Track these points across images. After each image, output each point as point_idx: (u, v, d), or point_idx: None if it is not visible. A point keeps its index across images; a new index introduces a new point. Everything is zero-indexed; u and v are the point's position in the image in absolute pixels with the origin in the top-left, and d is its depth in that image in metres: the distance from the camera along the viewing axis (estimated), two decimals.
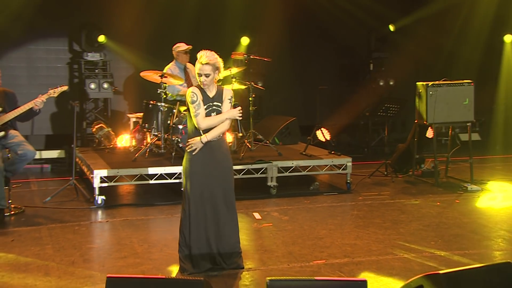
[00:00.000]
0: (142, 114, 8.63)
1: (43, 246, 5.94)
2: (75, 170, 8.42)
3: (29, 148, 7.03)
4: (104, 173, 7.40)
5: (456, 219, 6.96)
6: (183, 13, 10.44)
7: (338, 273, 5.16)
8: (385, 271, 5.22)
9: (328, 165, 8.45)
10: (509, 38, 12.35)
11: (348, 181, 8.44)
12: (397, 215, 7.14)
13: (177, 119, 8.19)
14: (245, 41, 11.08)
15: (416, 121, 9.00)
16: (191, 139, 5.14)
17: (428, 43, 11.85)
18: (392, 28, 11.76)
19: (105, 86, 10.13)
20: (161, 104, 8.15)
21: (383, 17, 11.68)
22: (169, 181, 7.69)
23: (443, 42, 11.98)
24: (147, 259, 5.55)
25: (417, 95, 8.87)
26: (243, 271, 5.21)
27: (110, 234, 6.57)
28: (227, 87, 8.44)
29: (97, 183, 7.38)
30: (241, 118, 5.51)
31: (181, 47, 8.80)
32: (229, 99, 5.24)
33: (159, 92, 8.15)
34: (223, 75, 8.39)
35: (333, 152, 8.81)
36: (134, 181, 7.64)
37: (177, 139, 8.01)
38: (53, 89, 7.19)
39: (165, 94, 8.30)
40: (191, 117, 5.14)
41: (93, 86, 10.10)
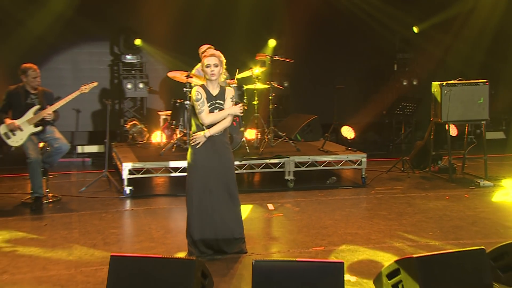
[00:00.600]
0: (170, 112, 9.01)
1: (71, 230, 6.36)
2: (112, 163, 8.91)
3: (64, 142, 7.50)
4: (132, 165, 7.80)
5: (460, 212, 7.04)
6: (213, 17, 10.82)
7: (332, 259, 5.37)
8: (378, 258, 5.39)
9: (343, 160, 8.62)
10: None
11: (363, 176, 8.59)
12: (404, 207, 7.27)
13: None
14: (272, 43, 11.32)
15: (432, 119, 9.09)
16: (195, 133, 5.43)
17: (450, 44, 11.82)
18: (416, 30, 11.80)
19: (141, 86, 10.59)
20: (187, 102, 8.48)
21: (408, 19, 11.74)
22: None
23: (465, 42, 11.93)
24: (161, 244, 5.89)
25: (433, 94, 8.97)
26: (246, 255, 5.46)
27: (132, 221, 6.94)
28: (250, 87, 8.80)
29: (125, 175, 7.78)
30: (242, 114, 5.75)
31: (204, 48, 9.07)
32: (231, 98, 5.48)
33: (185, 91, 8.48)
34: (245, 75, 8.73)
35: (349, 148, 8.98)
36: (159, 173, 8.02)
37: None
38: (85, 86, 7.59)
39: (191, 93, 8.62)
40: (196, 114, 5.42)
41: (129, 86, 10.58)
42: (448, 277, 4.23)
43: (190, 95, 8.51)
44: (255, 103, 8.98)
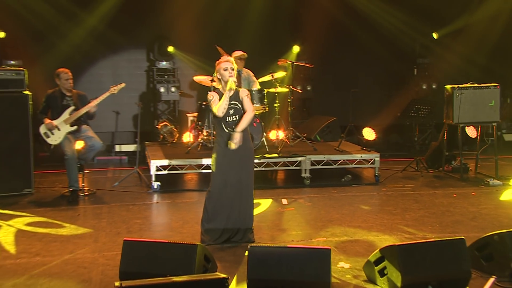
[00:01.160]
0: (197, 113, 9.39)
1: (100, 220, 6.80)
2: (145, 161, 9.34)
3: (97, 140, 7.96)
4: (159, 162, 8.20)
5: (462, 208, 7.17)
6: (239, 25, 11.16)
7: (332, 248, 5.61)
8: (373, 248, 5.58)
9: (357, 159, 8.82)
10: None
11: (376, 174, 8.78)
12: (410, 204, 7.44)
13: None
14: (296, 49, 11.59)
15: (444, 121, 9.20)
16: (234, 137, 5.66)
17: (469, 50, 11.86)
18: (435, 36, 11.88)
19: (173, 89, 11.04)
20: None
21: (427, 25, 11.83)
22: None
23: (484, 48, 11.95)
24: (178, 233, 6.25)
25: (445, 97, 9.09)
26: (253, 244, 5.76)
27: (155, 213, 7.33)
28: (271, 90, 9.09)
29: (153, 171, 8.19)
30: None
31: (237, 53, 9.39)
32: (246, 96, 5.78)
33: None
34: (266, 79, 9.03)
35: (364, 148, 9.17)
36: (184, 170, 8.40)
37: None
38: (114, 87, 8.00)
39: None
40: (212, 112, 5.75)
41: (162, 89, 11.05)
42: (427, 264, 4.44)
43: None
44: (276, 105, 9.28)
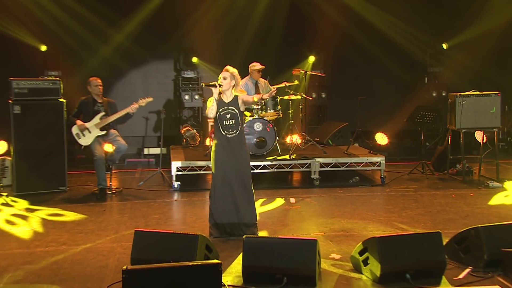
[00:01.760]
0: None
1: (123, 215, 7.24)
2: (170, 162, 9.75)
3: (122, 143, 8.41)
4: (179, 164, 8.61)
5: (458, 207, 7.36)
6: (257, 37, 11.55)
7: (327, 242, 5.92)
8: None
9: (363, 162, 9.06)
10: None
11: (382, 176, 9.01)
12: (409, 203, 7.66)
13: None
14: (311, 59, 11.90)
15: (448, 126, 9.37)
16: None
17: (477, 59, 11.98)
18: (445, 46, 12.04)
19: (196, 97, 11.48)
20: None
21: (437, 36, 12.00)
22: None
23: (491, 58, 12.06)
24: (190, 227, 6.63)
25: (449, 104, 9.26)
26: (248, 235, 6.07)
27: (172, 209, 7.74)
28: (285, 98, 9.41)
29: (174, 171, 8.61)
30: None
31: (256, 66, 9.68)
32: (241, 97, 6.17)
33: None
34: (278, 87, 9.36)
35: (371, 152, 9.41)
36: (202, 171, 8.78)
37: None
38: (142, 99, 8.45)
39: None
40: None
41: (187, 97, 11.50)
42: (405, 254, 4.70)
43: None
44: (290, 112, 9.60)
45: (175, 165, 8.60)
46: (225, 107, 6.10)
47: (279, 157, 8.85)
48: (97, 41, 11.58)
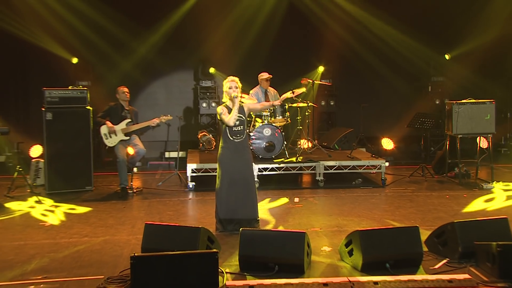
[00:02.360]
0: None
1: (140, 211, 7.66)
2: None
3: (141, 147, 8.86)
4: (194, 166, 9.01)
5: (448, 207, 7.58)
6: (270, 49, 11.94)
7: (322, 236, 6.22)
8: None
9: (365, 165, 9.33)
10: None
11: (382, 178, 9.26)
12: (404, 203, 7.90)
13: (252, 127, 9.60)
14: (321, 69, 12.22)
15: (446, 132, 9.58)
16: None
17: (476, 69, 12.15)
18: (447, 57, 12.24)
19: (213, 104, 11.91)
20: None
21: (441, 47, 12.22)
22: None
23: (491, 68, 12.23)
24: (200, 222, 6.98)
25: (446, 111, 9.47)
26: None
27: (186, 206, 8.13)
28: (293, 105, 9.73)
29: (189, 173, 9.01)
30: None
31: (264, 75, 10.12)
32: (247, 105, 6.59)
33: None
34: (287, 96, 9.70)
35: (373, 156, 9.67)
36: (214, 172, 9.11)
37: (250, 143, 9.40)
38: (164, 116, 8.82)
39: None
40: (223, 125, 6.48)
41: (204, 105, 11.95)
42: (385, 246, 5.00)
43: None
44: (298, 118, 9.93)
45: (190, 167, 9.00)
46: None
47: (286, 160, 9.19)
48: (123, 53, 12.13)
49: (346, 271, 5.08)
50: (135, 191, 8.96)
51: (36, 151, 10.37)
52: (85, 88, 9.38)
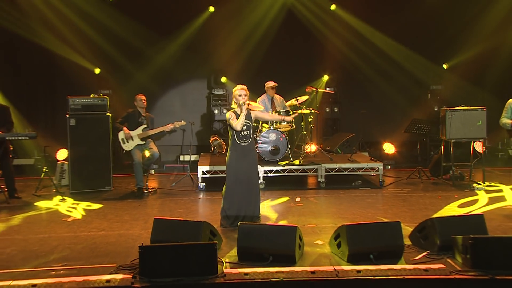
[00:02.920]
0: None
1: (153, 209, 8.05)
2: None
3: (155, 151, 9.26)
4: (204, 168, 9.38)
5: (438, 206, 7.80)
6: (279, 58, 12.32)
7: (316, 231, 6.52)
8: None
9: (364, 168, 9.60)
10: None
11: (380, 180, 9.52)
12: (398, 202, 8.16)
13: (259, 132, 9.94)
14: (325, 78, 12.54)
15: (440, 137, 9.80)
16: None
17: (473, 77, 12.36)
18: (445, 66, 12.48)
19: (224, 111, 12.27)
20: None
21: (439, 57, 12.47)
22: None
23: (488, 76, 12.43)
24: (206, 219, 7.17)
25: (441, 117, 9.71)
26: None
27: (195, 205, 8.47)
28: (298, 111, 10.04)
29: (199, 174, 9.39)
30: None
31: (269, 84, 10.47)
32: (255, 113, 6.94)
33: None
34: (291, 103, 10.03)
35: (372, 159, 9.94)
36: (223, 174, 9.46)
37: (257, 147, 9.75)
38: (178, 122, 9.18)
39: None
40: (232, 129, 6.80)
41: (216, 111, 12.34)
42: (370, 239, 5.29)
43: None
44: (302, 124, 10.26)
45: (201, 169, 9.38)
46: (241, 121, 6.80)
47: (290, 163, 9.52)
48: (141, 63, 12.60)
49: (334, 261, 5.37)
50: (150, 191, 9.34)
51: (62, 154, 10.82)
52: (106, 96, 9.82)
